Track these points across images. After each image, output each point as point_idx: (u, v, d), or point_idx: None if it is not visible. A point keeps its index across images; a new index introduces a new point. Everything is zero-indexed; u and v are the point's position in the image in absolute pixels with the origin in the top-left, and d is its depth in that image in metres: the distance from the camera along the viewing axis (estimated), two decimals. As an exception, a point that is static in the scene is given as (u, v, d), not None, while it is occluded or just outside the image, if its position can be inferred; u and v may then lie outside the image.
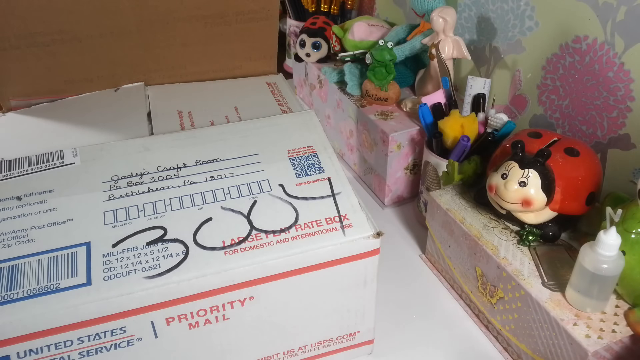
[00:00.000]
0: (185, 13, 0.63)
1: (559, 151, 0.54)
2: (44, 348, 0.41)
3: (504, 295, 0.54)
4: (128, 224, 0.45)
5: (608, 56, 0.61)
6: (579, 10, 0.63)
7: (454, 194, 0.63)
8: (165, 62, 0.66)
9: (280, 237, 0.45)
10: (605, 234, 0.45)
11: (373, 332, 0.54)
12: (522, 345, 0.54)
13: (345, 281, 0.48)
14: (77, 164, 0.51)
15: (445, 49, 0.71)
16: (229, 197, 0.48)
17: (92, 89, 0.65)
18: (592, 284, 0.47)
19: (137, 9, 0.61)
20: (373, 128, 0.75)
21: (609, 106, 0.62)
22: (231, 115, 0.60)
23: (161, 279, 0.42)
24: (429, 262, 0.68)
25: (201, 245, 0.44)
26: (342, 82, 0.83)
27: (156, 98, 0.64)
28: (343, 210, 0.48)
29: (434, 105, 0.68)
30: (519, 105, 0.76)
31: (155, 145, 0.54)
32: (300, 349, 0.51)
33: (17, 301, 0.40)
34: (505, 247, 0.55)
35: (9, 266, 0.42)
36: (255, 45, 0.68)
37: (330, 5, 1.01)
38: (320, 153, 0.53)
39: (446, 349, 0.57)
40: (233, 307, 0.45)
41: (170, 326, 0.43)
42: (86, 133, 0.57)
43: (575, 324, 0.47)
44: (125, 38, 0.63)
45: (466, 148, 0.63)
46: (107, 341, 0.42)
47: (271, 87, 0.67)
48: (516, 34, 0.73)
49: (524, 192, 0.52)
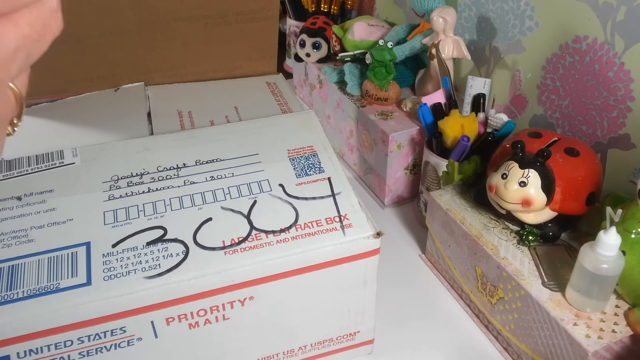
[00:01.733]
0: (185, 13, 0.63)
1: (559, 151, 0.54)
2: (44, 348, 0.41)
3: (504, 295, 0.54)
4: (128, 224, 0.45)
5: (608, 56, 0.61)
6: (579, 10, 0.63)
7: (454, 194, 0.63)
8: (165, 62, 0.66)
9: (280, 237, 0.45)
10: (605, 234, 0.45)
11: (373, 332, 0.54)
12: (522, 345, 0.54)
13: (345, 281, 0.48)
14: (77, 164, 0.51)
15: (445, 49, 0.71)
16: (229, 197, 0.48)
17: (92, 89, 0.65)
18: (592, 284, 0.47)
19: (137, 9, 0.61)
20: (373, 128, 0.75)
21: (609, 106, 0.62)
22: (231, 115, 0.60)
23: (161, 279, 0.42)
24: (429, 262, 0.68)
25: (201, 245, 0.44)
26: (342, 82, 0.83)
27: (156, 98, 0.64)
28: (343, 210, 0.48)
29: (434, 105, 0.68)
30: (519, 105, 0.76)
31: (155, 145, 0.54)
32: (300, 349, 0.51)
33: (17, 301, 0.40)
34: (505, 247, 0.55)
35: (9, 266, 0.42)
36: (255, 45, 0.68)
37: (330, 5, 1.01)
38: (320, 153, 0.53)
39: (446, 349, 0.57)
40: (233, 307, 0.45)
41: (170, 326, 0.43)
42: (86, 133, 0.57)
43: (575, 324, 0.47)
44: (125, 38, 0.63)
45: (466, 148, 0.63)
46: (107, 341, 0.42)
47: (271, 87, 0.67)
48: (516, 34, 0.73)
49: (524, 192, 0.52)
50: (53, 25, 0.18)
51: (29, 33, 0.17)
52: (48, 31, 0.18)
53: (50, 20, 0.18)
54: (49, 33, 0.18)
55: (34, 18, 0.17)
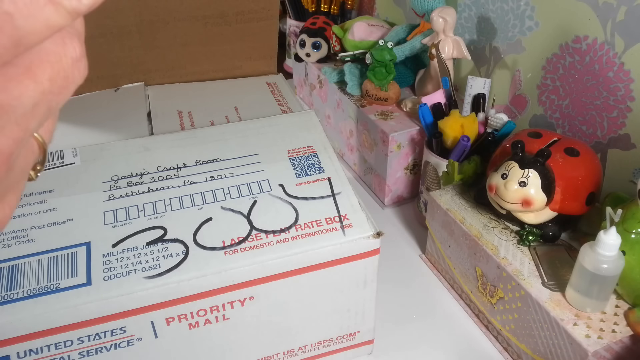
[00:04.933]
0: (185, 13, 0.63)
1: (559, 151, 0.54)
2: (44, 348, 0.41)
3: (504, 295, 0.54)
4: (128, 224, 0.45)
5: (608, 56, 0.61)
6: (579, 10, 0.63)
7: (454, 194, 0.63)
8: (165, 62, 0.66)
9: (280, 237, 0.45)
10: (605, 234, 0.45)
11: (373, 332, 0.54)
12: (522, 345, 0.54)
13: (345, 281, 0.48)
14: (77, 164, 0.51)
15: (445, 49, 0.71)
16: (229, 197, 0.48)
17: (92, 89, 0.65)
18: (592, 284, 0.47)
19: (137, 9, 0.61)
20: (373, 128, 0.75)
21: (609, 106, 0.62)
22: (231, 115, 0.60)
23: (161, 279, 0.42)
24: (429, 262, 0.68)
25: (201, 245, 0.44)
26: (342, 82, 0.83)
27: (156, 98, 0.64)
28: (343, 210, 0.48)
29: (434, 105, 0.68)
30: (519, 105, 0.76)
31: (155, 145, 0.54)
32: (300, 349, 0.51)
33: (17, 301, 0.40)
34: (505, 247, 0.55)
35: (9, 266, 0.42)
36: (255, 45, 0.68)
37: (330, 5, 1.01)
38: (320, 153, 0.53)
39: (446, 349, 0.57)
40: (233, 307, 0.45)
41: (170, 326, 0.43)
42: (86, 133, 0.57)
43: (575, 324, 0.47)
44: (125, 38, 0.63)
45: (466, 148, 0.63)
46: (107, 341, 0.42)
47: (271, 87, 0.67)
48: (516, 34, 0.73)
49: (524, 192, 0.52)
50: (76, 75, 0.17)
51: (49, 88, 0.16)
52: (70, 82, 0.17)
53: (72, 70, 0.17)
54: (72, 84, 0.17)
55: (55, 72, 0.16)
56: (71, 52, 0.17)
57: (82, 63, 0.18)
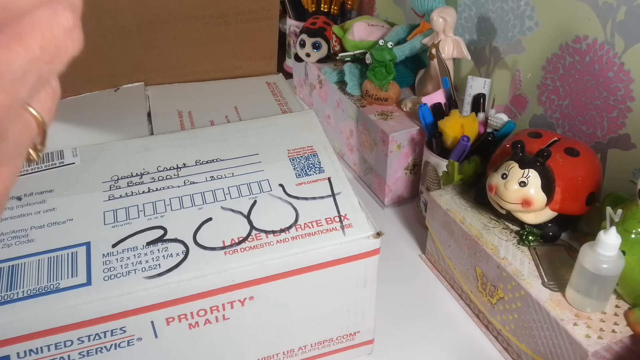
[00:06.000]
0: (185, 13, 0.63)
1: (559, 151, 0.54)
2: (44, 348, 0.41)
3: (504, 295, 0.54)
4: (128, 224, 0.45)
5: (608, 56, 0.61)
6: (579, 10, 0.63)
7: (454, 194, 0.63)
8: (165, 62, 0.66)
9: (280, 237, 0.45)
10: (605, 234, 0.45)
11: (373, 332, 0.54)
12: (522, 345, 0.54)
13: (345, 281, 0.48)
14: (77, 164, 0.51)
15: (445, 49, 0.71)
16: (229, 197, 0.48)
17: (92, 89, 0.65)
18: (592, 284, 0.47)
19: (137, 9, 0.61)
20: (373, 128, 0.75)
21: (609, 106, 0.62)
22: (231, 115, 0.60)
23: (161, 279, 0.42)
24: (429, 262, 0.68)
25: (201, 245, 0.44)
26: (342, 82, 0.83)
27: (156, 98, 0.64)
28: (343, 210, 0.48)
29: (434, 105, 0.68)
30: (519, 105, 0.76)
31: (155, 145, 0.54)
32: (300, 349, 0.51)
33: (17, 301, 0.40)
34: (505, 247, 0.55)
35: (9, 266, 0.42)
36: (255, 45, 0.68)
37: (330, 5, 1.01)
38: (320, 153, 0.53)
39: (446, 349, 0.57)
40: (233, 307, 0.45)
41: (170, 326, 0.43)
42: (86, 133, 0.57)
43: (575, 324, 0.47)
44: (125, 38, 0.63)
45: (466, 148, 0.63)
46: (107, 341, 0.42)
47: (271, 87, 0.67)
48: (516, 34, 0.73)
49: (524, 192, 0.52)
50: (69, 45, 0.17)
51: (39, 56, 0.16)
52: (63, 52, 0.17)
53: (64, 40, 0.17)
54: (64, 54, 0.17)
55: (46, 40, 0.16)
56: (63, 22, 0.17)
57: (75, 33, 0.18)
